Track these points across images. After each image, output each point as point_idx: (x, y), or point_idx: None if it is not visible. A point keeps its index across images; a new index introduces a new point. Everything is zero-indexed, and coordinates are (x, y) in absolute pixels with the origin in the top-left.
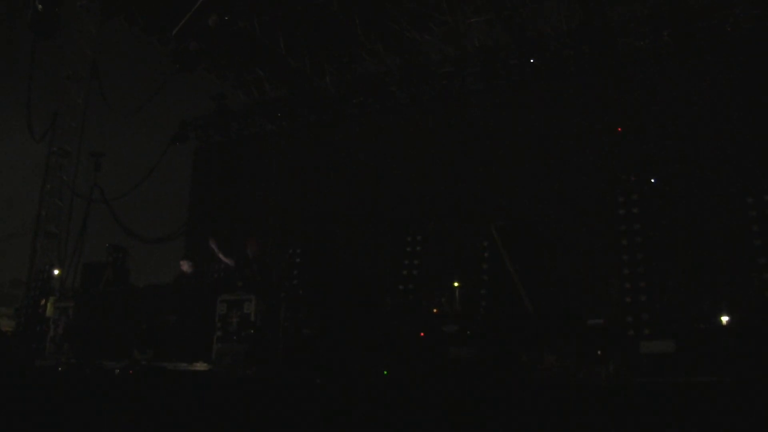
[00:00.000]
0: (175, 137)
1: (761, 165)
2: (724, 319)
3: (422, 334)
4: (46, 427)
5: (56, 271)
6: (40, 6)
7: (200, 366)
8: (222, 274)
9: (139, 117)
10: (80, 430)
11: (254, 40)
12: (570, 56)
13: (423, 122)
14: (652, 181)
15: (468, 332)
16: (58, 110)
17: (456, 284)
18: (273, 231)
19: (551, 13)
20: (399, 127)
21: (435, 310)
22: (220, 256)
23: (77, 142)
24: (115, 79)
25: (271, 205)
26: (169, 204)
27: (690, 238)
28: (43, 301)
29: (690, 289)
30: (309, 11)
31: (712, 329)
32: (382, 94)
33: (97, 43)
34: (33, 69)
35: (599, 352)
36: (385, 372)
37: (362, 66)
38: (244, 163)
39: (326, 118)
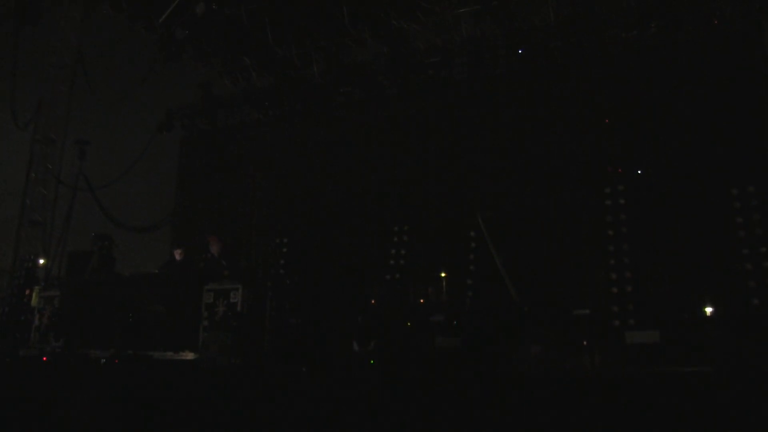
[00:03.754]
0: (161, 126)
1: (746, 157)
2: (708, 309)
3: (409, 323)
4: (31, 418)
5: (41, 261)
6: None
7: (187, 355)
8: (208, 264)
9: (124, 105)
10: (66, 420)
11: (241, 29)
12: (557, 47)
13: (410, 112)
14: (638, 172)
15: (454, 322)
16: (42, 98)
17: (443, 274)
18: (259, 220)
19: (539, 4)
20: (386, 117)
21: (422, 301)
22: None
23: (62, 131)
24: (101, 66)
25: (257, 194)
26: (154, 193)
27: (675, 229)
28: (27, 291)
29: (674, 279)
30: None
31: (696, 319)
32: (369, 83)
33: (83, 30)
34: (17, 56)
35: (585, 342)
36: (372, 361)
37: (349, 55)
38: (231, 151)
39: (313, 107)
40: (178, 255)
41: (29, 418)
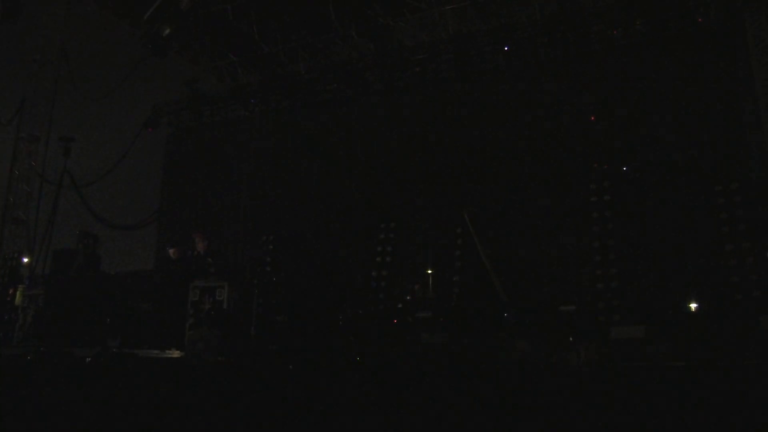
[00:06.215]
0: (147, 122)
1: (729, 153)
2: (693, 305)
3: (395, 320)
4: (15, 417)
5: (25, 259)
6: None
7: (173, 353)
8: (194, 261)
9: (109, 102)
10: (49, 420)
11: (227, 25)
12: (543, 44)
13: (396, 108)
14: (624, 169)
15: (441, 318)
16: (25, 94)
17: (429, 271)
18: (245, 217)
19: (525, 1)
20: (372, 114)
21: (408, 297)
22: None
23: (46, 127)
24: (85, 63)
25: (244, 192)
26: (140, 190)
27: (660, 225)
28: (11, 290)
29: (659, 275)
30: None
31: (681, 315)
32: (356, 80)
33: (66, 25)
34: None
35: (571, 338)
36: (358, 358)
37: (336, 52)
38: (217, 148)
39: (299, 104)
40: (173, 254)
41: (13, 417)
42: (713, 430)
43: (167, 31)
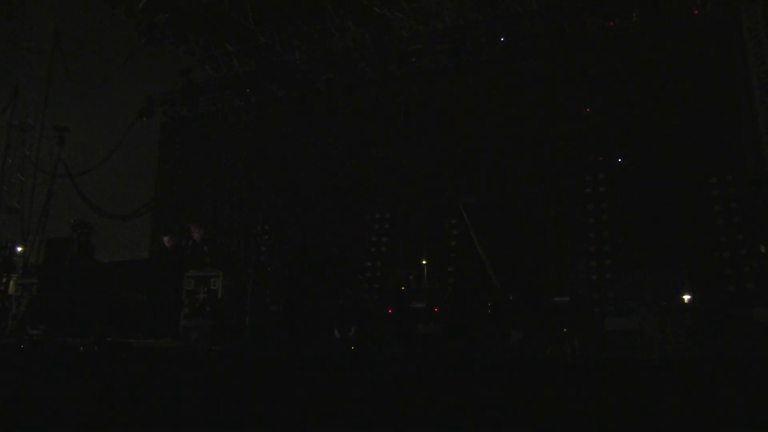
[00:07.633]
0: (142, 112)
1: (724, 146)
2: (686, 297)
3: (390, 310)
4: (8, 407)
5: (19, 248)
6: None
7: (167, 342)
8: (190, 250)
9: (104, 91)
10: (43, 409)
11: (222, 14)
12: (540, 35)
13: (392, 99)
14: (619, 160)
15: (436, 309)
16: (19, 83)
17: (424, 262)
18: (240, 207)
19: None
20: (368, 104)
21: (403, 287)
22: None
23: (40, 116)
24: (79, 51)
25: (239, 182)
26: (135, 180)
27: (654, 217)
28: (4, 279)
29: (653, 266)
30: None
31: (674, 306)
32: (351, 70)
33: (60, 14)
34: None
35: (565, 329)
36: (352, 347)
37: (331, 42)
38: (212, 138)
39: (295, 94)
40: (167, 242)
41: (6, 408)
42: (707, 421)
43: (162, 20)
